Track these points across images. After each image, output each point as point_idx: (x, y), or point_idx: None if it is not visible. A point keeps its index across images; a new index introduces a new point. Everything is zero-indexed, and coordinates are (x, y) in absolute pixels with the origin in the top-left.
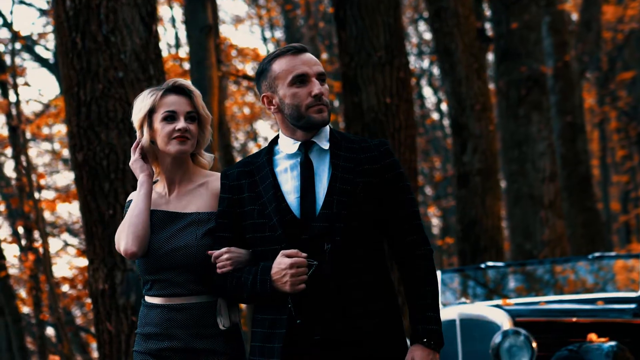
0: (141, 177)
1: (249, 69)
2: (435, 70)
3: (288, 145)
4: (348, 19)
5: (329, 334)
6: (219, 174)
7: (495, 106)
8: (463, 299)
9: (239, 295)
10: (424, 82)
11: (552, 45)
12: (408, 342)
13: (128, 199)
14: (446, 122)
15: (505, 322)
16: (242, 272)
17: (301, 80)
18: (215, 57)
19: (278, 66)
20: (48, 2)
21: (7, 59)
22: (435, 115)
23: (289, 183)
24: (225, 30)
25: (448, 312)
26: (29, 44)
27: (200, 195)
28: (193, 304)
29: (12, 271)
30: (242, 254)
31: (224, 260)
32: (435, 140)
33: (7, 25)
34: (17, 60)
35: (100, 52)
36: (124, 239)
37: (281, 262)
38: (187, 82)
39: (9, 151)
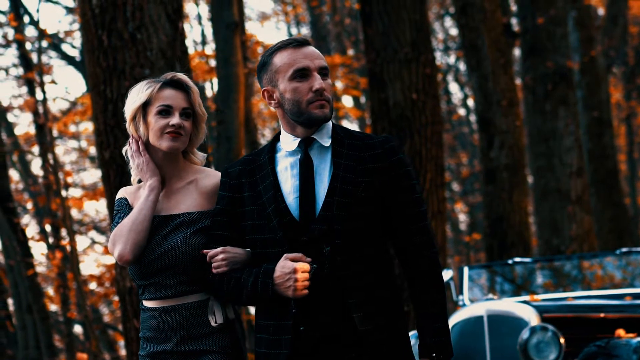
0: (153, 182)
1: None
2: (462, 66)
3: (288, 142)
4: (374, 15)
5: (331, 337)
6: (208, 171)
7: (522, 101)
8: (490, 295)
9: (236, 296)
10: (450, 78)
11: (578, 40)
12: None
13: (119, 196)
14: (473, 117)
15: (533, 318)
16: (241, 272)
17: (302, 74)
18: (242, 54)
19: (279, 59)
20: (74, 0)
21: (34, 57)
22: (461, 111)
23: (288, 182)
24: (252, 27)
25: (476, 308)
26: (55, 42)
27: (190, 194)
28: (183, 305)
29: (40, 269)
30: (238, 253)
31: (219, 260)
32: (462, 136)
33: (34, 23)
34: (44, 58)
35: (126, 49)
36: (122, 243)
37: (285, 266)
38: (186, 78)
39: (36, 149)
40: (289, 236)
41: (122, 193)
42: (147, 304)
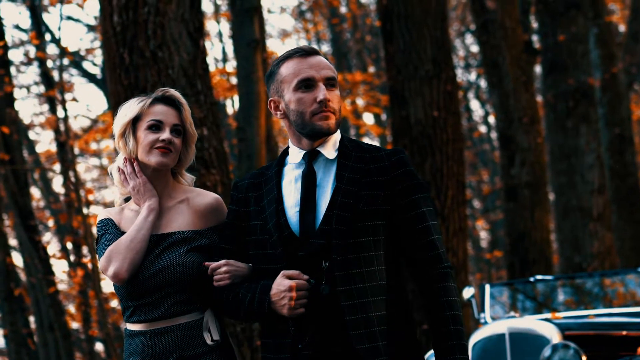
0: (152, 203)
1: None
2: (483, 83)
3: (294, 155)
4: (395, 33)
5: (329, 356)
6: (199, 190)
7: (543, 119)
8: (512, 313)
9: (235, 311)
10: (471, 95)
11: (599, 57)
12: None
13: (102, 217)
14: (494, 135)
15: (554, 336)
16: (240, 287)
17: (307, 84)
18: (263, 71)
19: (285, 69)
20: (96, 18)
21: (55, 74)
22: (482, 128)
23: (291, 196)
24: (273, 45)
25: (497, 326)
26: (76, 60)
27: (182, 213)
28: (177, 326)
29: (61, 287)
30: (240, 268)
31: (222, 274)
32: (483, 153)
33: (55, 41)
34: (65, 76)
35: (147, 67)
36: (119, 261)
37: (281, 284)
38: (178, 94)
39: (57, 167)
40: (288, 251)
41: (105, 214)
42: (136, 327)
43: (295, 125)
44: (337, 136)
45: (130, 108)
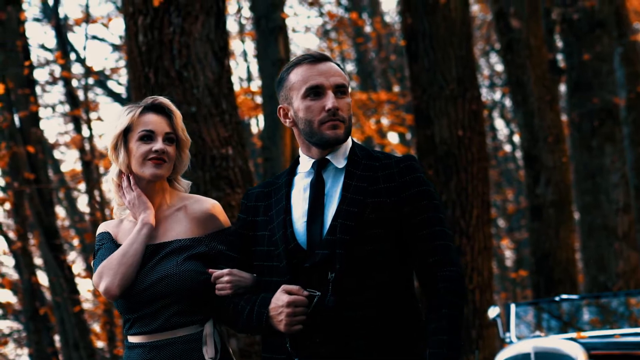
0: (146, 216)
1: None
2: (508, 102)
3: (304, 164)
4: (420, 52)
5: None
6: (197, 197)
7: (568, 138)
8: (537, 332)
9: (234, 322)
10: (496, 114)
11: (624, 76)
12: None
13: (100, 230)
14: (519, 154)
15: (580, 355)
16: (241, 298)
17: (316, 92)
18: None
19: (294, 76)
20: (121, 38)
21: (80, 94)
22: (507, 148)
23: (299, 206)
24: None
25: (523, 346)
26: (101, 79)
27: (179, 221)
28: (177, 339)
29: (86, 306)
30: (243, 278)
31: (224, 283)
32: (508, 172)
33: (80, 60)
34: (90, 95)
35: (173, 87)
36: (110, 277)
37: (279, 299)
38: (168, 101)
39: (82, 186)
40: (293, 264)
41: (103, 227)
42: (135, 339)
43: (304, 134)
44: (347, 144)
45: (120, 119)
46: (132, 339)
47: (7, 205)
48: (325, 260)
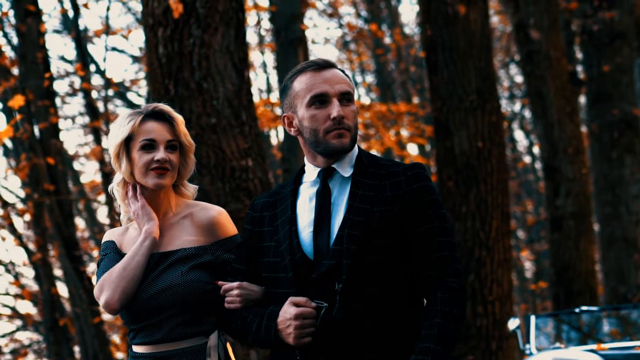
0: (150, 227)
1: None
2: (527, 114)
3: (310, 173)
4: (440, 64)
5: None
6: (203, 204)
7: (587, 149)
8: (557, 344)
9: (243, 336)
10: (515, 125)
11: None
12: None
13: (105, 239)
14: (538, 165)
15: None
16: (249, 311)
17: (321, 100)
18: None
19: (298, 84)
20: (140, 49)
21: (100, 105)
22: (527, 159)
23: (305, 216)
24: None
25: (543, 357)
26: (121, 91)
27: (185, 229)
28: (180, 350)
29: (106, 317)
30: (253, 291)
31: (233, 296)
32: (528, 183)
33: (100, 72)
34: (110, 107)
35: (192, 98)
36: (111, 290)
37: (287, 311)
38: (168, 108)
39: (102, 197)
40: (300, 275)
41: (108, 235)
42: (139, 349)
43: (309, 143)
44: (354, 152)
45: (120, 129)
46: (136, 349)
47: (27, 217)
48: (332, 271)
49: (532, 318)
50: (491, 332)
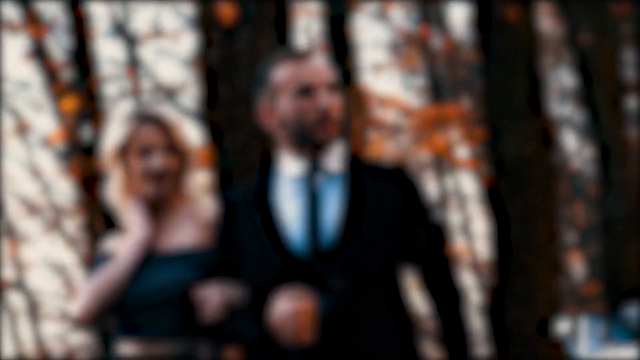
0: (140, 235)
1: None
2: (577, 118)
3: (292, 167)
4: (490, 67)
5: None
6: (204, 203)
7: (638, 152)
8: (608, 346)
9: (232, 342)
10: (565, 129)
11: None
12: None
13: (103, 244)
14: (588, 169)
15: None
16: (236, 314)
17: (307, 90)
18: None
19: (280, 74)
20: (191, 53)
21: None
22: (577, 162)
23: (291, 213)
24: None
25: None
26: (171, 94)
27: (183, 227)
28: (169, 351)
29: None
30: (236, 295)
31: (215, 302)
32: (578, 187)
33: (150, 75)
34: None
35: (242, 103)
36: (85, 298)
37: (282, 310)
38: (164, 112)
39: None
40: (289, 274)
41: (106, 240)
42: (126, 348)
43: (294, 135)
44: (340, 147)
45: (115, 133)
46: (123, 348)
47: (78, 219)
48: (324, 272)
49: (582, 320)
50: (538, 337)
